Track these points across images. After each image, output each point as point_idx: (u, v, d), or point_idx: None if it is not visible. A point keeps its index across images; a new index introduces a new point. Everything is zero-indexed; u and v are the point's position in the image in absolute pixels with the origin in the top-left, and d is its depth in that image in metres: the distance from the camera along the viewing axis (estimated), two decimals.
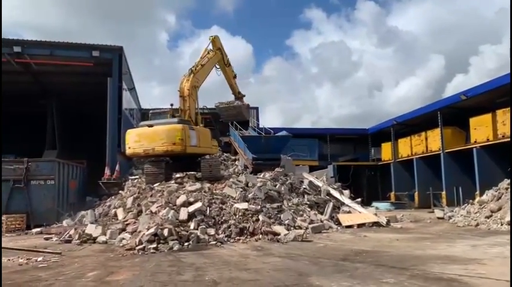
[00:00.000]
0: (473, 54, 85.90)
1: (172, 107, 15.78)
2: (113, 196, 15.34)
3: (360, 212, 14.09)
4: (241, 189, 13.11)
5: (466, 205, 14.82)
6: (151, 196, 13.07)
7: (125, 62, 19.54)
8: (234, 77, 19.29)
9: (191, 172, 15.48)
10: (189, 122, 15.20)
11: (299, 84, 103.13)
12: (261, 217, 11.11)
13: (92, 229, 10.77)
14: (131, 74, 22.32)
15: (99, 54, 18.46)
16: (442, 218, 15.14)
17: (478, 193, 17.96)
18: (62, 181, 15.17)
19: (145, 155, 14.90)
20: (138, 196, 13.54)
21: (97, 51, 18.40)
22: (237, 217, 11.16)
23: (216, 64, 17.70)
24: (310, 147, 28.84)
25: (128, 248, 8.95)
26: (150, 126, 14.68)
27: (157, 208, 11.43)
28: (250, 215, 11.26)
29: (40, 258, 7.87)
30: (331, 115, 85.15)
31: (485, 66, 68.15)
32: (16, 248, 9.10)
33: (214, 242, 9.60)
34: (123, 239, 9.96)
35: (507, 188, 12.89)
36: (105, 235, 10.47)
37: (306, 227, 11.46)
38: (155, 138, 14.34)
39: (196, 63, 16.32)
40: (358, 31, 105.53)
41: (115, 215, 12.73)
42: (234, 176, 15.99)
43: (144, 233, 9.31)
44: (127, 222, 11.41)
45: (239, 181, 14.18)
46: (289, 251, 8.47)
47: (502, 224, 11.35)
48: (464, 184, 20.88)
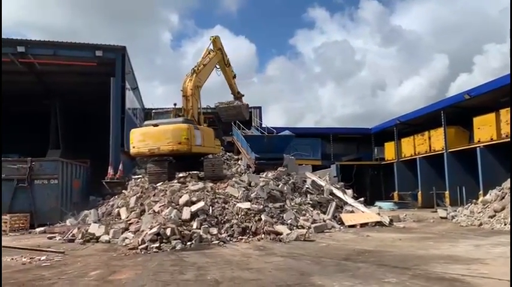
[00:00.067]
0: (477, 53, 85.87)
1: (176, 106, 15.81)
2: (116, 196, 15.41)
3: (363, 212, 14.07)
4: (243, 188, 13.10)
5: (469, 204, 14.78)
6: (154, 195, 13.08)
7: (128, 62, 19.60)
8: (234, 77, 19.30)
9: (194, 172, 15.52)
10: (193, 121, 15.22)
11: (302, 83, 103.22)
12: (263, 217, 11.11)
13: (95, 228, 10.81)
14: (134, 74, 22.41)
15: (103, 54, 18.48)
16: (445, 217, 15.11)
17: (481, 192, 17.92)
18: (66, 181, 15.25)
19: (150, 154, 14.87)
20: (141, 196, 13.56)
21: (100, 51, 18.44)
22: (239, 216, 11.16)
23: (216, 64, 17.72)
24: (313, 146, 28.88)
25: (131, 247, 8.98)
26: (156, 125, 14.64)
27: (160, 207, 11.45)
28: (253, 214, 11.27)
29: (43, 257, 7.92)
30: (335, 115, 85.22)
31: (490, 66, 67.95)
32: (20, 247, 9.17)
33: (217, 241, 9.61)
34: (126, 238, 9.98)
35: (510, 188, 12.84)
36: (108, 234, 10.51)
37: (309, 227, 11.45)
38: (161, 137, 14.32)
39: (198, 63, 16.35)
40: (361, 30, 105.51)
41: (118, 214, 12.76)
42: (236, 175, 16.01)
43: (146, 233, 9.34)
44: (130, 221, 11.42)
45: (242, 181, 14.18)
46: (292, 250, 8.47)
47: (505, 224, 11.30)
48: (467, 183, 20.83)
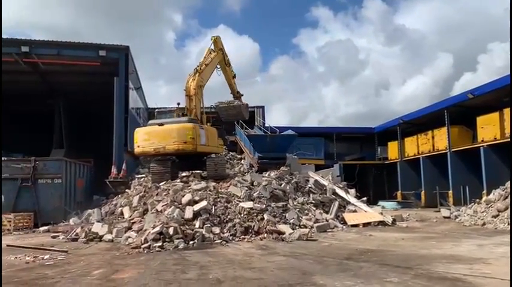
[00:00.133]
0: (481, 52, 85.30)
1: (179, 106, 15.83)
2: (119, 195, 15.46)
3: (366, 211, 14.05)
4: (246, 188, 13.12)
5: (472, 204, 14.72)
6: (157, 194, 13.13)
7: (131, 62, 19.63)
8: (234, 76, 19.32)
9: (197, 171, 15.55)
10: (197, 121, 15.25)
11: (306, 83, 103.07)
12: (266, 216, 11.12)
13: (98, 228, 10.87)
14: (138, 74, 22.46)
15: (106, 54, 18.55)
16: (449, 217, 15.06)
17: (485, 192, 17.82)
18: (69, 180, 15.33)
19: (155, 153, 14.84)
20: (144, 195, 13.62)
21: (104, 51, 18.50)
22: (242, 215, 11.18)
23: (217, 64, 17.74)
24: (316, 146, 28.83)
25: (134, 246, 9.03)
26: (161, 125, 14.62)
27: (163, 206, 11.49)
28: (255, 214, 11.28)
29: (47, 256, 7.98)
30: (338, 114, 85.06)
31: (494, 64, 67.58)
32: (23, 246, 9.24)
33: (219, 240, 9.64)
34: (129, 237, 10.03)
35: None
36: (111, 233, 10.56)
37: (311, 226, 11.45)
38: (166, 137, 14.32)
39: (200, 63, 16.38)
40: (365, 29, 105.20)
41: (121, 213, 12.82)
42: (239, 175, 16.04)
43: (149, 232, 9.38)
44: (133, 220, 11.48)
45: (244, 180, 14.18)
46: (294, 250, 8.48)
47: (508, 224, 11.24)
48: (471, 183, 20.73)
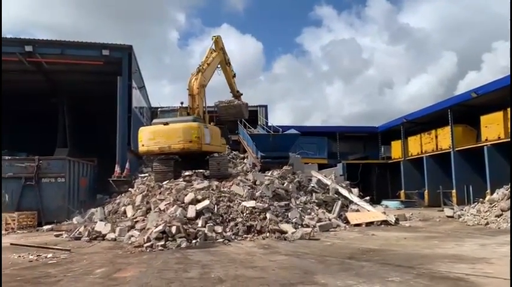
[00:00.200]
0: (486, 51, 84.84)
1: (182, 105, 15.84)
2: (122, 194, 15.47)
3: (369, 211, 14.02)
4: (249, 187, 13.11)
5: (476, 203, 14.67)
6: (160, 193, 13.14)
7: (134, 61, 19.67)
8: (234, 76, 19.33)
9: (199, 170, 15.56)
10: (201, 120, 15.25)
11: (309, 82, 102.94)
12: (268, 215, 11.12)
13: (101, 226, 10.91)
14: (141, 73, 22.51)
15: (109, 53, 18.56)
16: (452, 216, 15.02)
17: (488, 191, 17.79)
18: (73, 179, 15.40)
19: (160, 152, 14.81)
20: (147, 194, 13.62)
21: (107, 50, 18.51)
22: (244, 215, 11.18)
23: (218, 63, 17.75)
24: (319, 145, 28.85)
25: (136, 245, 9.06)
26: (166, 124, 14.58)
27: (165, 205, 11.51)
28: (258, 213, 11.28)
29: (50, 255, 8.01)
30: (342, 113, 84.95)
31: (499, 63, 67.14)
32: (27, 244, 9.29)
33: (222, 239, 9.65)
34: (132, 236, 10.06)
35: None
36: (114, 232, 10.60)
37: (314, 226, 11.44)
38: (171, 136, 14.27)
39: (202, 63, 16.39)
40: (369, 28, 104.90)
41: (124, 212, 12.83)
42: (242, 174, 16.03)
43: (152, 231, 9.41)
44: (136, 219, 11.50)
45: (247, 179, 14.17)
46: (296, 249, 8.48)
47: None
48: (474, 182, 20.67)
